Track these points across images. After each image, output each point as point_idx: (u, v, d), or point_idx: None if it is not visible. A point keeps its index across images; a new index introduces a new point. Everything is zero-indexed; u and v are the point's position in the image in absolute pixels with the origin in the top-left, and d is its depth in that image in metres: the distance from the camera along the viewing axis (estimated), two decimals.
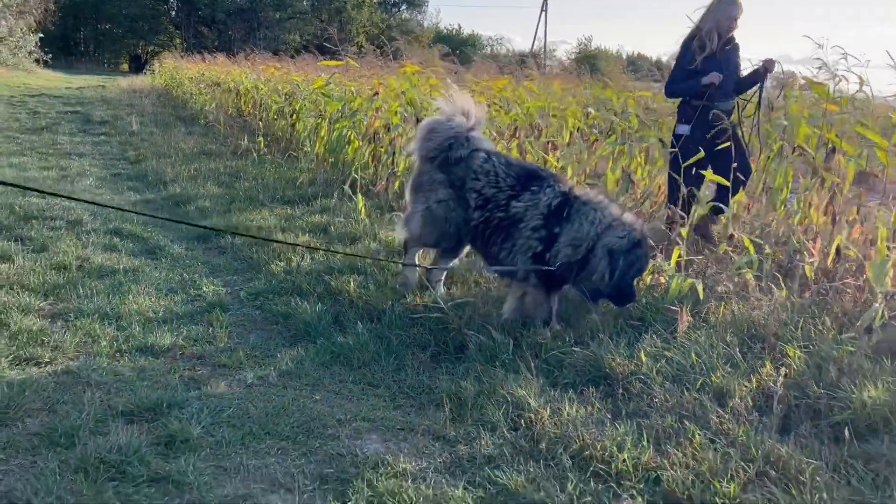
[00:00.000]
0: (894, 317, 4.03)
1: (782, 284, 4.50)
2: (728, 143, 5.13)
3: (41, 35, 36.19)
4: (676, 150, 5.39)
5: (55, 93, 21.64)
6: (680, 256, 4.47)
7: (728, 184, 4.92)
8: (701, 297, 4.17)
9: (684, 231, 4.63)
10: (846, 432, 2.85)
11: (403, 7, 62.57)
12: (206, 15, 52.21)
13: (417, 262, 4.78)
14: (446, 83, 7.98)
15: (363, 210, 6.45)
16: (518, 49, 53.75)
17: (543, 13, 52.56)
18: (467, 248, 4.68)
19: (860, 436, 2.93)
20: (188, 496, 2.44)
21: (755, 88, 5.64)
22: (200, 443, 2.77)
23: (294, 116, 10.98)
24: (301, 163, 9.23)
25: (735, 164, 5.12)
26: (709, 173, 4.90)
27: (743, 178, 5.26)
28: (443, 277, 4.73)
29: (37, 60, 35.33)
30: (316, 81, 9.87)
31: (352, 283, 4.66)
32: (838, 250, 4.91)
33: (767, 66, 5.47)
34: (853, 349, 3.53)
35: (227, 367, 3.61)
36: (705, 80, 5.34)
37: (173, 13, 54.89)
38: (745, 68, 5.70)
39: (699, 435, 2.87)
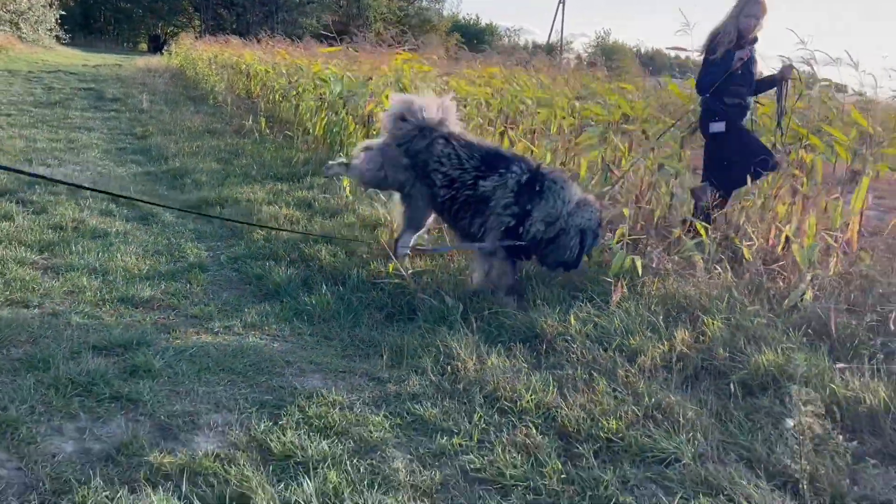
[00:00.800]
0: (818, 297, 4.37)
1: (727, 266, 4.82)
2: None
3: (62, 12, 36.61)
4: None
5: (71, 70, 22.09)
6: (623, 235, 4.80)
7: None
8: (640, 272, 4.50)
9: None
10: (731, 386, 3.21)
11: None
12: None
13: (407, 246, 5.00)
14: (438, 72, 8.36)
15: (348, 187, 6.81)
16: (537, 41, 53.75)
17: (561, 4, 52.43)
18: (430, 220, 5.01)
19: (752, 392, 3.28)
20: (141, 409, 2.84)
21: (773, 94, 5.70)
22: (160, 372, 3.16)
23: (297, 98, 11.36)
24: (298, 143, 9.61)
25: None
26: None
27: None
28: (409, 249, 5.07)
29: (56, 37, 35.75)
30: (314, 65, 10.23)
31: (324, 251, 5.03)
32: (787, 239, 5.25)
33: (785, 73, 5.47)
34: (765, 321, 3.86)
35: (197, 318, 4.00)
36: (736, 62, 5.29)
37: None
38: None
39: (603, 384, 3.22)
